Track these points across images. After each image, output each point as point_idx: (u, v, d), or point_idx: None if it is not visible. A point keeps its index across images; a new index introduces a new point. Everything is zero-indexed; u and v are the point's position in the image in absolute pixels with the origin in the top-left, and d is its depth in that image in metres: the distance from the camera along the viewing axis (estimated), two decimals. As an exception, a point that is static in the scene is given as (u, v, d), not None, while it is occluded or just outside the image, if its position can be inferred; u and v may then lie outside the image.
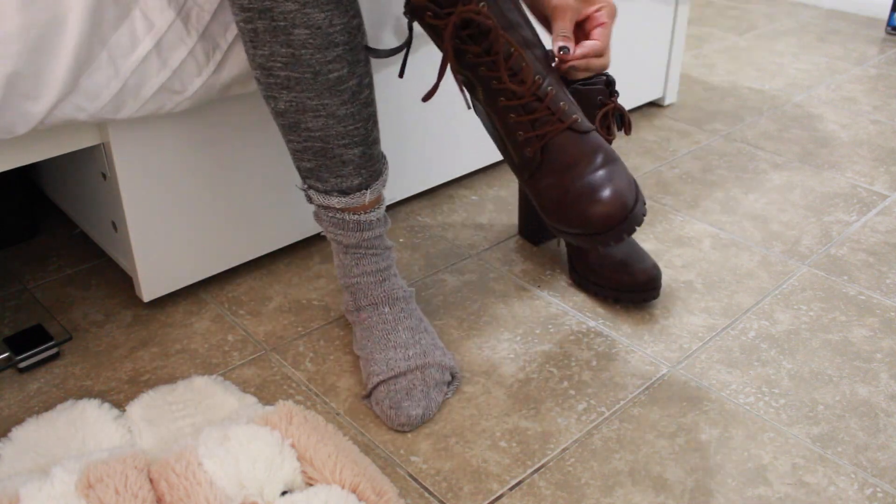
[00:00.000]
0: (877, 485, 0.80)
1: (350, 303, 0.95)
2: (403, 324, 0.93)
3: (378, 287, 0.94)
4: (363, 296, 0.94)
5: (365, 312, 0.94)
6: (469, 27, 0.83)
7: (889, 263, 1.15)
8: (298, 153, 0.87)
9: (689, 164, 1.43)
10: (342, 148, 0.86)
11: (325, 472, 0.75)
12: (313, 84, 0.81)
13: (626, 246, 1.06)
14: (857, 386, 0.93)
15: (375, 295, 0.93)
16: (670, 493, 0.79)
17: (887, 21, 2.13)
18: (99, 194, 1.02)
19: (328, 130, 0.84)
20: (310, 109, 0.83)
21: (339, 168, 0.87)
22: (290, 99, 0.82)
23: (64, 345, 0.98)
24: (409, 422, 0.85)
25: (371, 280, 0.93)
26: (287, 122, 0.85)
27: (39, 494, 0.70)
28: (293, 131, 0.85)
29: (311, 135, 0.85)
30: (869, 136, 1.54)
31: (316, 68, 0.80)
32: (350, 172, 0.87)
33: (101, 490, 0.70)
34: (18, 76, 0.76)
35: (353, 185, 0.88)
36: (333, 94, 0.82)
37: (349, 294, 0.95)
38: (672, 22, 1.56)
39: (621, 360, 0.97)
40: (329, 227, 0.92)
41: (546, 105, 0.85)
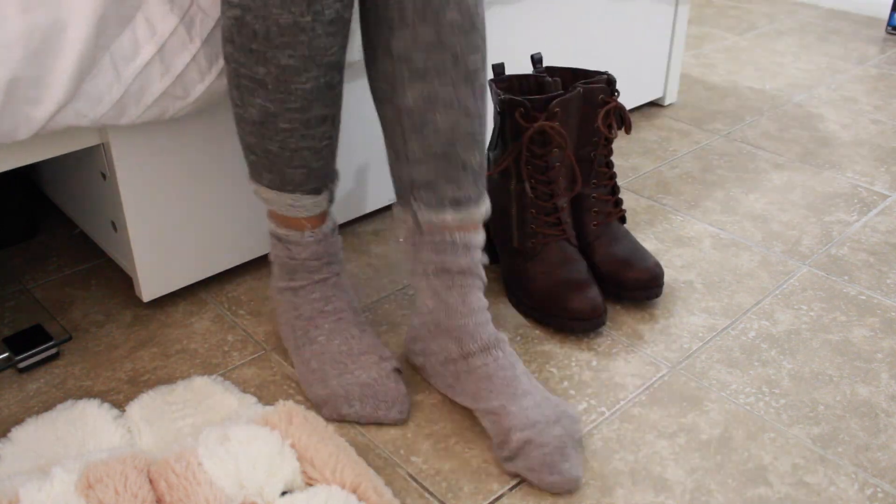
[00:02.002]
0: (877, 485, 0.80)
1: (454, 350, 0.85)
2: (519, 368, 0.85)
3: (486, 328, 0.85)
4: (472, 340, 0.84)
5: (478, 359, 0.84)
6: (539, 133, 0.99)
7: (889, 263, 1.15)
8: (416, 160, 0.81)
9: (689, 164, 1.43)
10: (467, 152, 0.81)
11: (325, 472, 0.75)
12: (452, 71, 0.77)
13: (629, 245, 1.07)
14: (858, 386, 0.93)
15: (485, 338, 0.85)
16: (670, 493, 0.79)
17: (887, 21, 2.13)
18: (99, 194, 1.02)
19: (457, 129, 0.79)
20: (442, 102, 0.78)
21: (458, 175, 0.81)
22: (424, 90, 0.77)
23: (63, 345, 0.98)
24: (573, 486, 0.78)
25: (480, 320, 0.85)
26: (413, 122, 0.79)
27: (39, 494, 0.70)
28: (417, 132, 0.80)
29: (438, 134, 0.79)
30: (869, 136, 1.54)
31: (457, 53, 0.76)
32: (468, 181, 0.81)
33: (101, 490, 0.70)
34: (20, 81, 0.76)
35: (468, 195, 0.82)
36: (468, 85, 0.78)
37: (453, 341, 0.85)
38: (672, 22, 1.56)
39: (621, 360, 0.97)
40: (433, 255, 0.83)
41: (558, 216, 1.02)
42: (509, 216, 1.04)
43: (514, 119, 0.99)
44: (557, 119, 0.98)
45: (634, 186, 1.35)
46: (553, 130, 0.98)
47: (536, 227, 1.02)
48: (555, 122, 0.98)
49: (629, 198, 1.32)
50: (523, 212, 1.03)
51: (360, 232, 1.21)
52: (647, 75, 1.57)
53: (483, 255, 0.87)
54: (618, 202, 1.09)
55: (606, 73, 1.06)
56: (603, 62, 1.46)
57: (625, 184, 1.36)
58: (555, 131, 0.98)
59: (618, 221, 1.09)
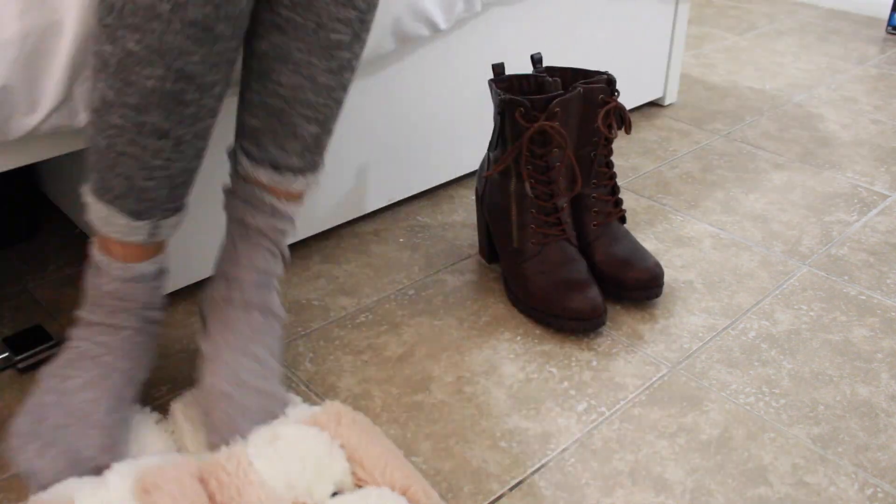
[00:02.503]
0: (877, 485, 0.80)
1: (222, 290, 0.85)
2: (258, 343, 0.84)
3: (260, 290, 0.85)
4: (238, 287, 0.84)
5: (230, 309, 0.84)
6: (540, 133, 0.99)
7: (889, 263, 1.15)
8: (252, 106, 0.81)
9: (689, 164, 1.43)
10: (301, 119, 0.80)
11: (374, 473, 0.74)
12: (311, 36, 0.76)
13: (629, 245, 1.07)
14: (858, 386, 0.93)
15: (252, 295, 0.85)
16: (670, 493, 0.79)
17: (887, 21, 2.13)
18: (99, 194, 1.02)
19: (297, 93, 0.79)
20: (291, 61, 0.77)
21: (286, 139, 0.81)
22: (279, 43, 0.77)
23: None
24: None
25: (258, 279, 0.85)
26: (259, 67, 0.79)
27: (94, 500, 0.69)
28: (259, 79, 0.79)
29: (277, 91, 0.79)
30: (869, 136, 1.54)
31: (322, 20, 0.76)
32: (294, 150, 0.82)
33: (159, 496, 0.68)
34: (12, 84, 0.75)
35: (290, 164, 0.82)
36: (324, 57, 0.77)
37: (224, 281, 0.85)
38: (672, 22, 1.56)
39: (621, 360, 0.97)
40: (239, 203, 0.84)
41: (558, 217, 1.02)
42: (509, 216, 1.04)
43: (514, 119, 0.99)
44: (557, 119, 0.99)
45: (634, 186, 1.35)
46: (553, 130, 0.98)
47: (536, 227, 1.02)
48: (555, 122, 0.98)
49: (629, 198, 1.32)
50: (523, 212, 1.03)
51: (360, 232, 1.21)
52: (647, 75, 1.57)
53: (289, 223, 0.84)
54: (618, 202, 1.10)
55: (606, 73, 1.06)
56: (603, 62, 1.46)
57: (625, 184, 1.36)
58: (555, 131, 0.98)
59: (618, 221, 1.09)
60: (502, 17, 1.25)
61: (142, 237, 0.78)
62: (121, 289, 0.79)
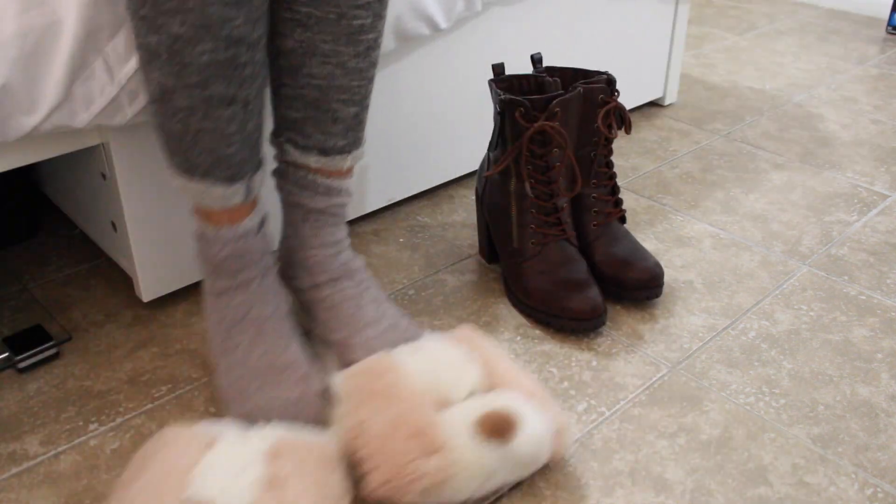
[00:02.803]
0: (877, 485, 0.80)
1: (305, 279, 0.90)
2: (367, 296, 0.89)
3: (336, 259, 0.89)
4: (321, 271, 0.89)
5: (324, 290, 0.89)
6: (540, 133, 0.99)
7: (889, 263, 1.15)
8: (289, 100, 0.83)
9: (689, 164, 1.43)
10: (339, 103, 0.83)
11: (505, 379, 0.82)
12: (335, 27, 0.78)
13: (629, 245, 1.07)
14: (858, 386, 0.93)
15: (334, 269, 0.89)
16: (670, 493, 0.79)
17: (887, 21, 2.13)
18: (99, 194, 1.02)
19: (331, 81, 0.81)
20: (320, 53, 0.80)
21: (328, 124, 0.84)
22: (304, 39, 0.79)
23: (63, 345, 0.98)
24: None
25: (330, 252, 0.89)
26: (289, 64, 0.81)
27: (231, 447, 0.73)
28: (291, 75, 0.82)
29: (311, 82, 0.81)
30: (869, 136, 1.54)
31: (342, 10, 0.78)
32: (338, 132, 0.84)
33: (284, 462, 0.73)
34: (12, 83, 0.75)
35: (336, 145, 0.85)
36: (350, 43, 0.80)
37: (304, 271, 0.89)
38: (672, 22, 1.56)
39: (621, 360, 0.97)
40: (293, 188, 0.88)
41: (558, 216, 1.02)
42: (509, 216, 1.04)
43: (514, 119, 0.99)
44: (557, 119, 0.99)
45: (634, 186, 1.35)
46: (553, 130, 0.98)
47: (536, 227, 1.02)
48: (555, 122, 0.98)
49: (629, 198, 1.32)
50: (523, 212, 1.03)
51: (360, 232, 1.21)
52: (647, 75, 1.57)
53: (345, 195, 0.89)
54: (618, 202, 1.10)
55: (606, 73, 1.06)
56: (603, 62, 1.46)
57: (625, 184, 1.36)
58: (555, 131, 0.98)
59: (618, 221, 1.09)
60: (502, 17, 1.25)
61: (240, 198, 0.81)
62: (237, 249, 0.83)
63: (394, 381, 0.79)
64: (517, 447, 0.75)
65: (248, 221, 0.83)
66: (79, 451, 0.84)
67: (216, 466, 0.72)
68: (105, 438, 0.85)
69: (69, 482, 0.80)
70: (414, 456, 0.73)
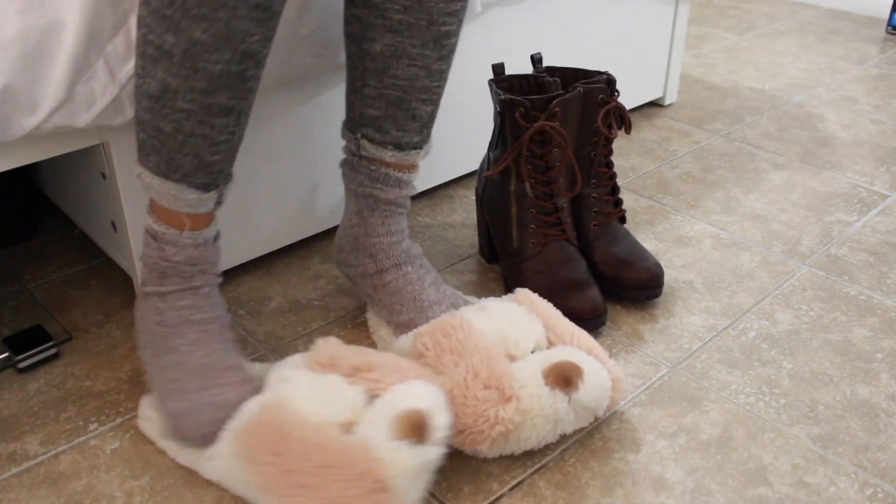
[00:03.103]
0: (877, 485, 0.80)
1: (370, 265, 0.94)
2: (428, 279, 0.94)
3: (399, 246, 0.94)
4: (385, 257, 0.94)
5: (389, 275, 0.93)
6: (540, 133, 0.99)
7: (889, 263, 1.15)
8: (370, 99, 0.88)
9: (689, 164, 1.43)
10: (418, 103, 0.87)
11: (564, 337, 0.87)
12: (424, 33, 0.82)
13: (629, 245, 1.07)
14: (858, 386, 0.93)
15: (397, 255, 0.94)
16: (670, 493, 0.79)
17: (887, 21, 2.13)
18: (99, 194, 1.02)
19: (414, 82, 0.86)
20: (406, 57, 0.84)
21: (406, 122, 0.88)
22: (393, 43, 0.83)
23: (63, 345, 0.98)
24: None
25: (394, 239, 0.94)
26: (376, 66, 0.86)
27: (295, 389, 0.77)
28: (376, 76, 0.86)
29: (395, 83, 0.86)
30: (869, 136, 1.54)
31: (433, 17, 0.81)
32: (414, 129, 0.89)
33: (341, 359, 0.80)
34: (13, 84, 0.75)
35: (411, 141, 0.90)
36: (436, 47, 0.84)
37: (369, 258, 0.94)
38: (672, 22, 1.56)
39: (621, 359, 0.97)
40: (364, 179, 0.92)
41: (558, 216, 1.03)
42: (509, 216, 1.04)
43: (514, 119, 0.99)
44: (557, 119, 0.99)
45: (634, 186, 1.35)
46: (553, 130, 0.98)
47: (536, 227, 1.02)
48: (555, 122, 0.98)
49: (629, 198, 1.32)
50: (523, 212, 1.03)
51: (360, 232, 1.21)
52: (647, 75, 1.57)
53: (412, 188, 0.94)
54: (618, 202, 1.10)
55: (606, 73, 1.06)
56: (603, 62, 1.46)
57: (625, 184, 1.36)
58: (555, 131, 0.98)
59: (618, 221, 1.09)
60: (502, 17, 1.25)
61: (210, 207, 0.82)
62: (193, 255, 0.83)
63: (464, 336, 0.84)
64: (582, 396, 0.80)
65: (209, 230, 0.84)
66: (79, 451, 0.84)
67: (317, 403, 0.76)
68: (105, 438, 0.85)
69: (69, 482, 0.80)
70: (490, 404, 0.78)
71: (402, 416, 0.72)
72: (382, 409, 0.74)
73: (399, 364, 0.80)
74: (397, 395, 0.75)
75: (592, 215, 1.07)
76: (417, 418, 0.72)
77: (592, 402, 0.82)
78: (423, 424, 0.72)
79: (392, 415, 0.73)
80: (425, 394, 0.75)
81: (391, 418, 0.72)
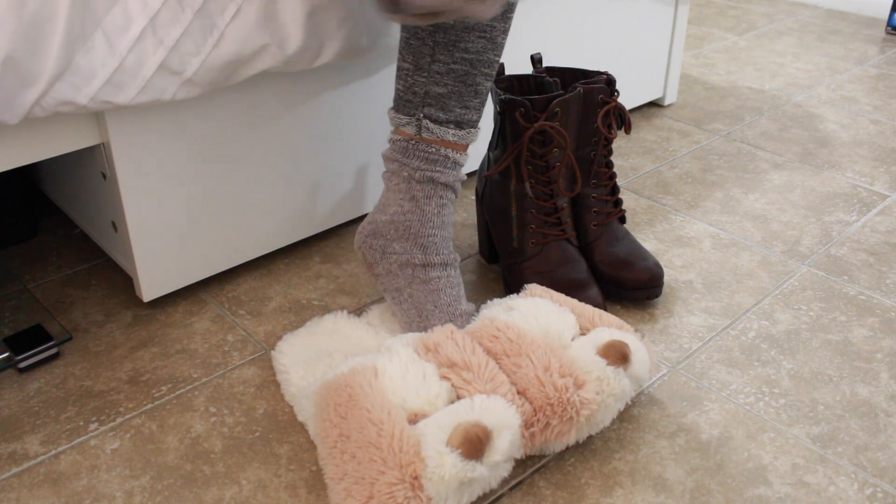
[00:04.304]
0: (877, 485, 0.80)
1: (418, 257, 0.93)
2: (462, 289, 0.95)
3: (449, 244, 0.94)
4: (436, 252, 0.93)
5: (435, 271, 0.93)
6: (540, 133, 1.00)
7: (889, 263, 1.15)
8: (438, 76, 0.89)
9: (689, 164, 1.43)
10: (483, 77, 0.89)
11: (594, 320, 0.89)
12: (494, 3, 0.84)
13: (629, 245, 1.07)
14: (858, 386, 0.93)
15: (446, 254, 0.94)
16: (670, 493, 0.79)
17: (887, 21, 2.13)
18: (99, 194, 1.02)
19: (481, 55, 0.88)
20: (478, 28, 0.86)
21: (470, 98, 0.90)
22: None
23: (64, 345, 0.98)
24: None
25: (447, 234, 0.94)
26: (447, 39, 0.87)
27: (391, 364, 0.79)
28: (447, 50, 0.87)
29: (465, 56, 0.87)
30: (869, 136, 1.54)
31: None
32: (476, 106, 0.91)
33: (443, 349, 0.81)
34: (14, 55, 0.75)
35: (472, 119, 0.92)
36: (503, 19, 0.86)
37: (419, 248, 0.93)
38: (672, 22, 1.56)
39: (621, 360, 0.97)
40: (422, 164, 0.91)
41: (558, 216, 1.03)
42: (509, 216, 1.04)
43: (514, 119, 0.99)
44: (557, 119, 0.99)
45: (634, 186, 1.35)
46: (553, 130, 0.98)
47: (536, 227, 1.03)
48: (555, 122, 0.98)
49: (629, 198, 1.32)
50: (523, 212, 1.03)
51: (360, 232, 1.21)
52: (647, 75, 1.57)
53: (462, 174, 0.95)
54: (618, 202, 1.10)
55: (606, 73, 1.06)
56: (603, 62, 1.46)
57: (625, 184, 1.36)
58: (555, 131, 0.98)
59: (618, 221, 1.09)
60: (502, 17, 1.24)
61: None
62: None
63: (516, 336, 0.83)
64: (635, 369, 0.84)
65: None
66: (79, 451, 0.84)
67: (401, 384, 0.77)
68: (105, 438, 0.85)
69: (69, 482, 0.80)
70: (572, 391, 0.79)
71: (463, 426, 0.71)
72: (453, 412, 0.74)
73: (494, 374, 0.79)
74: (473, 404, 0.75)
75: (592, 215, 1.07)
76: (476, 433, 0.71)
77: (644, 373, 0.85)
78: (479, 441, 0.71)
79: (457, 422, 0.72)
80: (500, 412, 0.74)
81: (455, 425, 0.72)
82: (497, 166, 1.02)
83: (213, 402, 0.90)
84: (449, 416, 0.73)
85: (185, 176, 0.99)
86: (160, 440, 0.85)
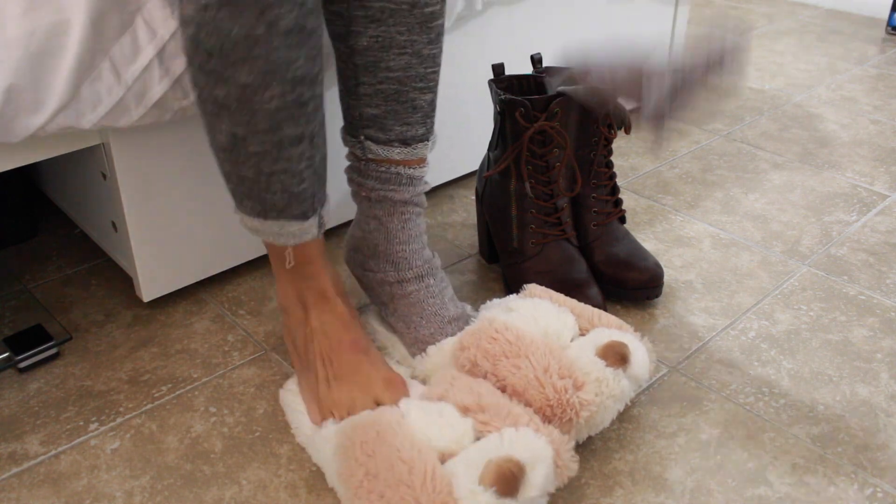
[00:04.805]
0: (877, 485, 0.80)
1: (391, 274, 0.91)
2: (447, 294, 0.93)
3: (421, 255, 0.91)
4: (408, 267, 0.91)
5: (411, 286, 0.91)
6: (540, 133, 0.99)
7: (889, 263, 1.15)
8: (367, 97, 0.86)
9: (689, 164, 1.43)
10: (417, 92, 0.86)
11: (593, 321, 0.89)
12: (408, 17, 0.81)
13: (629, 245, 1.07)
14: (858, 386, 0.93)
15: (420, 265, 0.91)
16: (670, 493, 0.79)
17: (887, 21, 2.13)
18: (99, 194, 1.02)
19: (408, 71, 0.84)
20: (396, 46, 0.83)
21: (408, 115, 0.87)
22: (379, 34, 0.82)
23: (64, 345, 0.98)
24: None
25: (416, 246, 0.91)
26: (366, 61, 0.84)
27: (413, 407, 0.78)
28: (369, 72, 0.85)
29: (389, 76, 0.84)
30: (869, 136, 1.54)
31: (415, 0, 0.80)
32: (417, 121, 0.88)
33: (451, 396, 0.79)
34: (18, 88, 0.75)
35: (416, 134, 0.89)
36: (423, 31, 0.82)
37: (391, 265, 0.91)
38: (672, 22, 1.56)
39: (621, 360, 0.97)
40: (375, 184, 0.89)
41: (558, 216, 1.03)
42: (509, 216, 1.04)
43: (514, 119, 0.99)
44: (557, 119, 0.99)
45: (634, 186, 1.35)
46: (553, 130, 0.98)
47: (536, 227, 1.03)
48: (555, 122, 0.98)
49: (629, 198, 1.32)
50: (523, 212, 1.03)
51: (360, 232, 1.21)
52: (646, 75, 1.57)
53: (425, 183, 0.92)
54: (618, 202, 1.10)
55: (606, 74, 1.06)
56: (603, 62, 1.46)
57: (625, 184, 1.36)
58: (555, 131, 0.98)
59: (618, 221, 1.09)
60: (502, 17, 1.25)
61: (314, 233, 0.82)
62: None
63: (515, 337, 0.84)
64: (635, 369, 0.84)
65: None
66: (79, 451, 0.84)
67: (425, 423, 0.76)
68: (105, 438, 0.85)
69: (69, 482, 0.80)
70: (571, 392, 0.79)
71: (495, 463, 0.69)
72: (483, 449, 0.72)
73: (510, 409, 0.77)
74: (503, 439, 0.73)
75: (592, 215, 1.07)
76: (510, 468, 0.68)
77: (643, 374, 0.85)
78: (513, 477, 0.68)
79: (487, 458, 0.70)
80: (532, 445, 0.72)
81: (486, 462, 0.70)
82: (497, 166, 1.02)
83: (213, 402, 0.90)
84: (479, 453, 0.71)
85: (185, 175, 0.99)
86: (160, 440, 0.85)
